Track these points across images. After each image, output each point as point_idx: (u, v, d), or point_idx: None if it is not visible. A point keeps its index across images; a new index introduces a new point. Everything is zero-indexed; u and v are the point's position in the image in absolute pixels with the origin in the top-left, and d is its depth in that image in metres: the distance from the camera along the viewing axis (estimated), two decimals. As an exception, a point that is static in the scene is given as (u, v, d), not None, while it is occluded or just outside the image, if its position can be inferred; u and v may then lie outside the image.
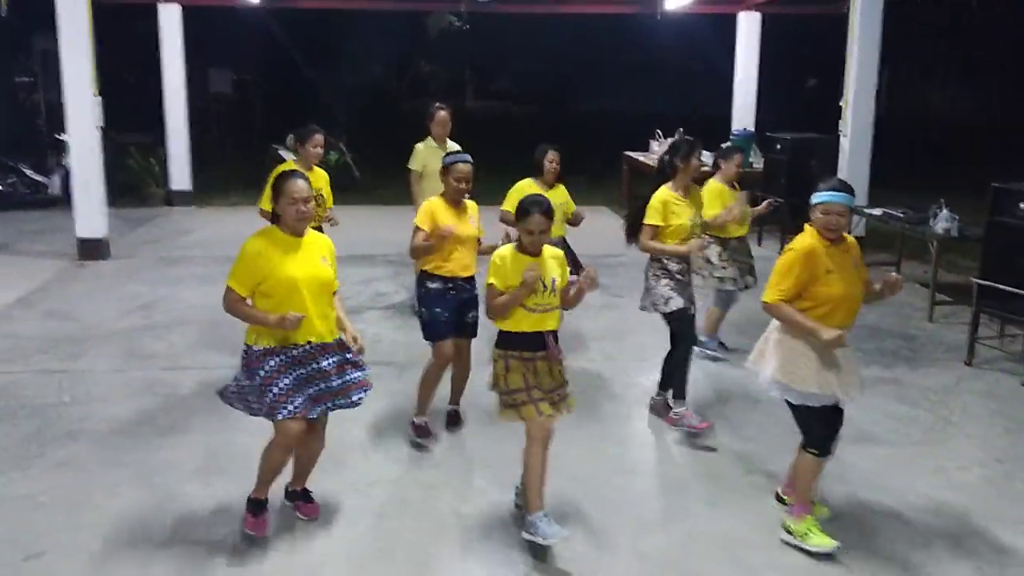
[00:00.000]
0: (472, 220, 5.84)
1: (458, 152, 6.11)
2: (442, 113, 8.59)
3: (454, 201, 5.73)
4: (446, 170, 5.69)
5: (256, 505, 4.73)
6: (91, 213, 11.12)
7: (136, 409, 6.42)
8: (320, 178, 7.39)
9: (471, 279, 5.85)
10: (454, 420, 6.18)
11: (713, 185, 7.58)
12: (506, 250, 4.67)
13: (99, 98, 10.90)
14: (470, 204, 5.86)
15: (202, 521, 4.88)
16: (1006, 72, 33.64)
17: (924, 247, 10.02)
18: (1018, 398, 6.94)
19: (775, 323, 4.71)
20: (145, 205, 15.03)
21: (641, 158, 14.89)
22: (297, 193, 4.47)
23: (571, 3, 15.94)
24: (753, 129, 14.92)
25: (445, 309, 5.72)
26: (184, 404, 6.53)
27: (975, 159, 20.58)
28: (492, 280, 4.60)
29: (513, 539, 4.64)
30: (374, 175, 17.21)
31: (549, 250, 4.75)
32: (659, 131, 15.12)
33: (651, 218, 6.11)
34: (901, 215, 9.87)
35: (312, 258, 4.61)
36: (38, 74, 23.59)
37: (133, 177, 15.51)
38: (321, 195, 6.99)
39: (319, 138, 7.39)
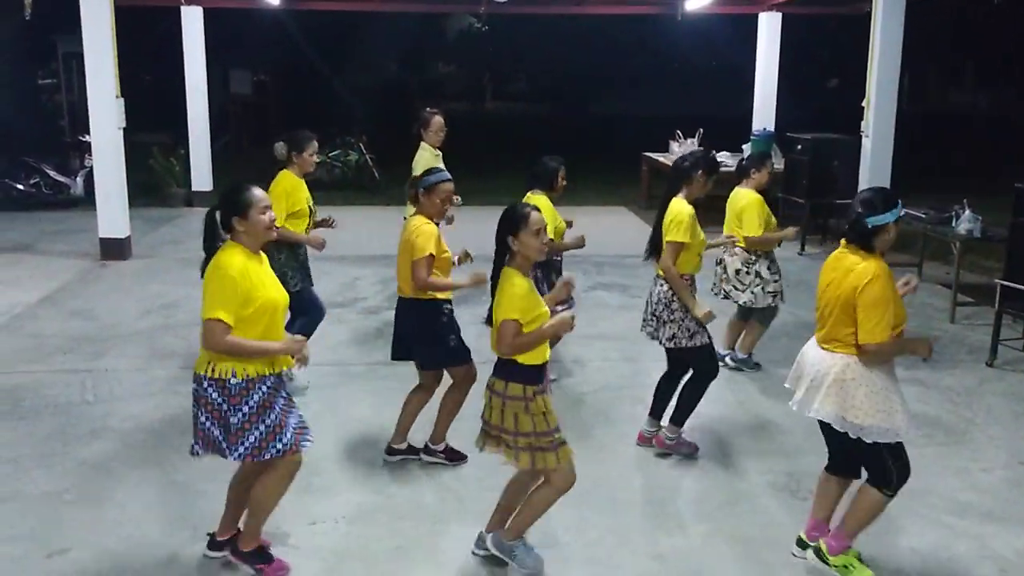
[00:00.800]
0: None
1: (440, 169, 5.86)
2: (438, 118, 8.30)
3: (436, 221, 5.42)
4: (432, 189, 5.35)
5: (264, 553, 4.39)
6: (113, 213, 11.19)
7: (158, 407, 6.46)
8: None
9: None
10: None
11: (752, 197, 7.07)
12: (516, 276, 4.20)
13: (121, 99, 10.98)
14: None
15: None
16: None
17: (947, 248, 9.96)
18: (1042, 400, 6.91)
19: (833, 362, 4.24)
20: (166, 205, 15.12)
21: (661, 159, 14.87)
22: (264, 200, 4.20)
23: (591, 3, 15.92)
24: (773, 129, 14.87)
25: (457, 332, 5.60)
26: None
27: (999, 160, 20.47)
28: (515, 316, 4.12)
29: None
30: (392, 175, 17.26)
31: None
32: (679, 132, 15.11)
33: (681, 235, 5.63)
34: (923, 216, 9.81)
35: (273, 276, 4.37)
36: (61, 76, 23.79)
37: (154, 177, 15.61)
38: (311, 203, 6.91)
39: (315, 144, 6.99)
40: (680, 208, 5.73)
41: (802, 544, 4.56)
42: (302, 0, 15.75)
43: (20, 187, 14.80)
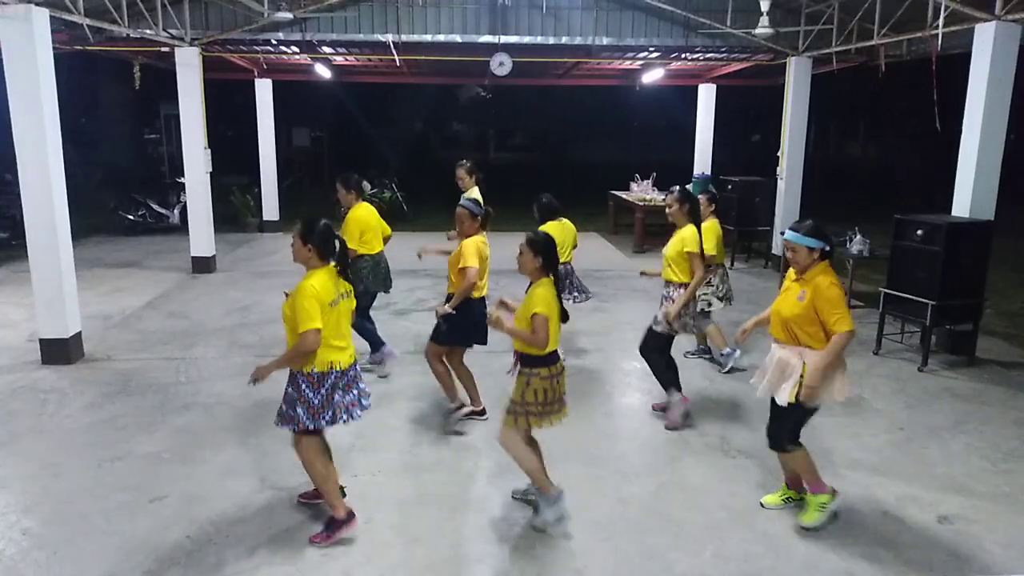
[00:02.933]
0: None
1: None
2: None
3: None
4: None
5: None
6: (202, 237, 11.19)
7: (236, 387, 6.46)
8: None
9: None
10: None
11: (714, 222, 6.78)
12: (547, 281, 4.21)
13: (208, 150, 10.99)
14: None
15: (285, 471, 4.91)
16: (907, 128, 33.52)
17: (842, 264, 9.97)
18: (915, 381, 6.89)
19: (800, 352, 4.13)
20: (243, 231, 15.13)
21: (623, 195, 14.88)
22: None
23: (571, 77, 15.96)
24: (710, 173, 14.90)
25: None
26: (272, 383, 6.51)
27: (882, 196, 20.50)
28: (546, 311, 4.08)
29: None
30: (417, 209, 17.29)
31: None
32: (638, 175, 15.14)
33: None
34: (825, 239, 9.82)
35: None
36: (162, 132, 23.85)
37: (233, 210, 15.61)
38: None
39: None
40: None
41: (791, 497, 4.56)
42: (348, 75, 15.78)
43: (130, 217, 14.80)
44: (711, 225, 6.60)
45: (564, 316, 4.27)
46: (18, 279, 10.20)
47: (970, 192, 7.40)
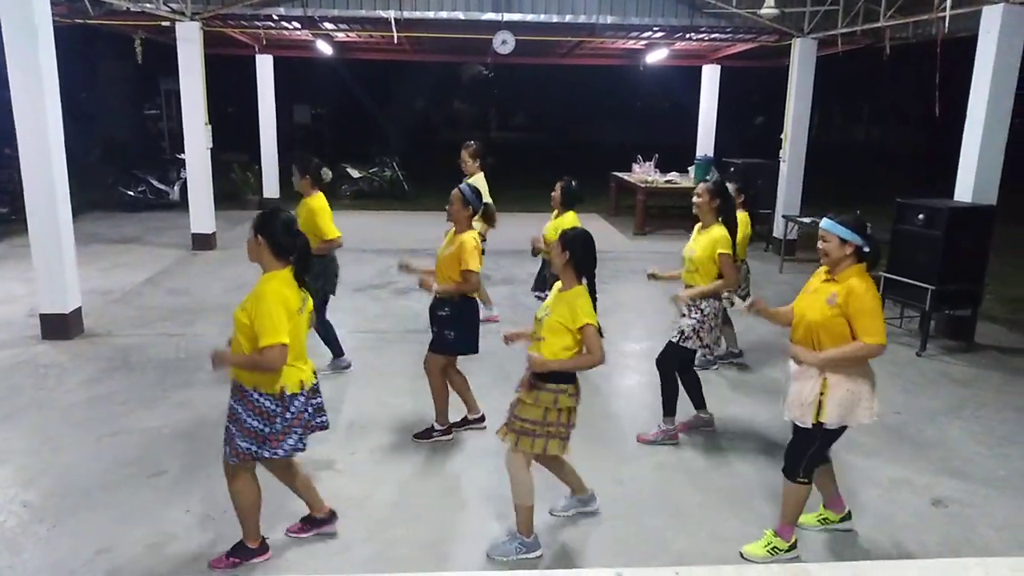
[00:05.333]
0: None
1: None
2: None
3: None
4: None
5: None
6: (202, 214, 11.18)
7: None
8: None
9: None
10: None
11: (743, 216, 6.15)
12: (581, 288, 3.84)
13: (209, 126, 10.95)
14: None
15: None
16: (910, 113, 33.35)
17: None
18: (913, 365, 6.92)
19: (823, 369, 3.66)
20: (243, 208, 15.08)
21: (625, 176, 14.83)
22: None
23: (573, 56, 15.86)
24: (712, 155, 14.85)
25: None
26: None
27: (885, 180, 20.44)
28: (594, 320, 3.76)
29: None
30: (418, 188, 17.23)
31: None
32: (640, 156, 15.09)
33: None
34: (826, 223, 9.80)
35: None
36: (163, 108, 23.74)
37: (234, 187, 15.57)
38: None
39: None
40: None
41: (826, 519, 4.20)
42: (349, 51, 15.68)
43: (130, 193, 14.76)
44: (741, 219, 5.85)
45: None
46: (17, 254, 10.19)
47: (973, 177, 7.39)
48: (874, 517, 4.33)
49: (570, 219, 6.15)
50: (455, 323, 4.91)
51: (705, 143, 15.49)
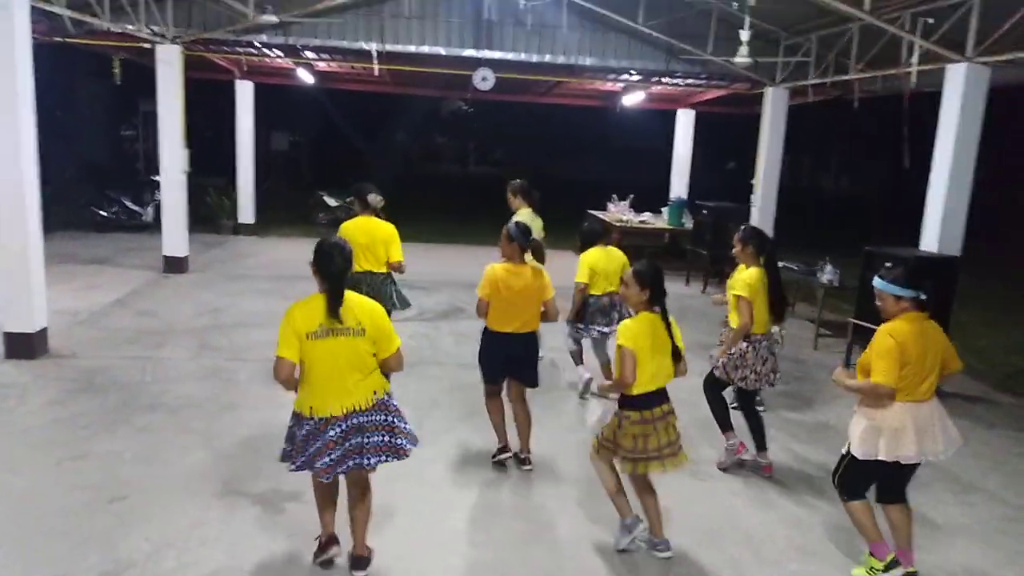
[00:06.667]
0: None
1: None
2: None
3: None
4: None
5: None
6: (175, 237, 11.06)
7: (203, 389, 6.37)
8: None
9: None
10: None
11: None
12: (644, 316, 4.07)
13: (187, 149, 10.89)
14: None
15: (249, 476, 4.85)
16: (878, 162, 34.13)
17: (812, 293, 10.13)
18: (879, 410, 6.98)
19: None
20: (218, 233, 14.98)
21: (600, 215, 14.93)
22: None
23: (552, 96, 16.09)
24: (686, 197, 15.05)
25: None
26: (241, 387, 6.49)
27: (854, 226, 20.83)
28: (631, 345, 3.96)
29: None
30: (396, 219, 17.18)
31: None
32: (615, 195, 15.24)
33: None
34: (796, 268, 9.97)
35: None
36: (140, 129, 23.58)
37: (209, 211, 15.46)
38: None
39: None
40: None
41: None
42: (330, 81, 15.75)
43: (103, 213, 14.60)
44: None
45: (676, 354, 4.02)
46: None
47: (938, 228, 7.57)
48: (841, 567, 4.34)
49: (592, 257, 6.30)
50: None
51: (679, 185, 15.72)
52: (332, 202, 17.36)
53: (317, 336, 3.51)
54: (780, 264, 10.24)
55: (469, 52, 10.79)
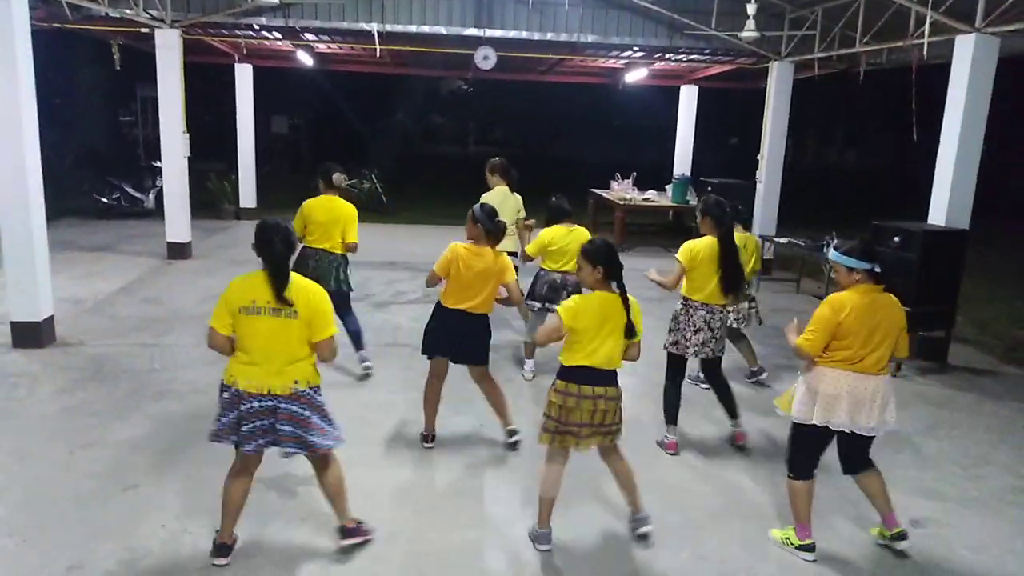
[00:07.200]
0: None
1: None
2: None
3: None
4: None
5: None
6: (178, 223, 11.05)
7: (210, 375, 6.35)
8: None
9: None
10: None
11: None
12: (600, 294, 3.92)
13: (187, 135, 10.85)
14: None
15: (264, 461, 4.84)
16: (883, 136, 33.96)
17: (819, 268, 10.10)
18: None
19: (887, 381, 3.96)
20: (220, 218, 14.94)
21: (603, 194, 14.91)
22: None
23: (554, 74, 15.97)
24: (689, 174, 14.99)
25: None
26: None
27: (859, 200, 20.77)
28: (563, 314, 3.84)
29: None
30: (397, 200, 17.19)
31: None
32: (618, 174, 15.18)
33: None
34: (802, 243, 9.95)
35: None
36: (139, 115, 23.51)
37: (210, 196, 15.43)
38: None
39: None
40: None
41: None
42: (330, 63, 15.65)
43: (104, 200, 14.56)
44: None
45: (629, 331, 3.84)
46: (-13, 260, 9.99)
47: (946, 201, 7.53)
48: (851, 537, 4.35)
49: (554, 234, 6.22)
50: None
51: (683, 162, 15.65)
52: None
53: (249, 312, 3.55)
54: (786, 240, 10.33)
55: (470, 31, 10.71)
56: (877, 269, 3.85)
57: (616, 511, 4.49)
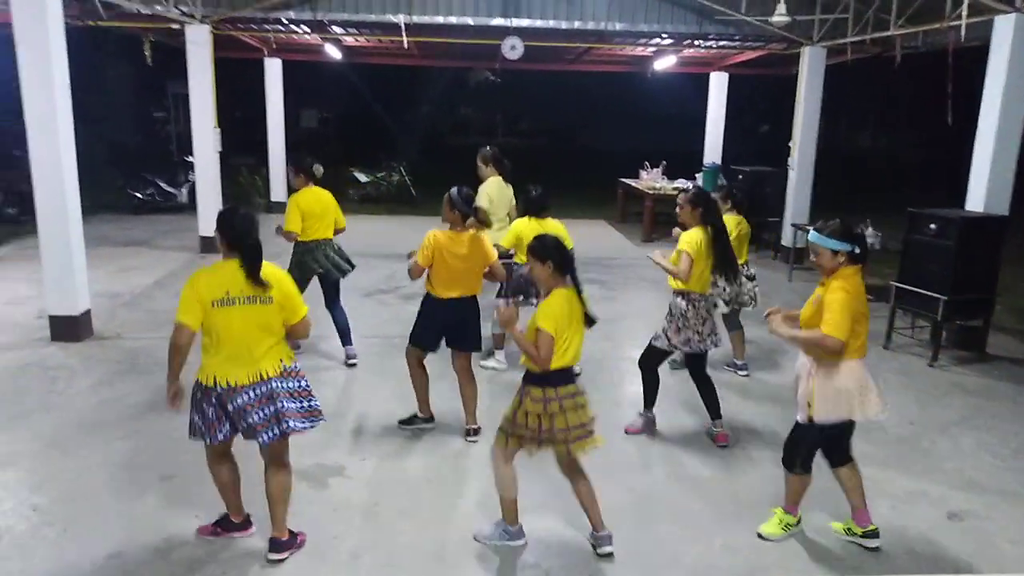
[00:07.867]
0: None
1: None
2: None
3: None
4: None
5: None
6: (211, 217, 11.10)
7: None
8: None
9: None
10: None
11: (730, 219, 6.19)
12: (561, 292, 3.80)
13: (218, 129, 10.96)
14: None
15: (294, 452, 4.86)
16: (919, 121, 33.28)
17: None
18: (925, 375, 6.88)
19: (809, 367, 3.85)
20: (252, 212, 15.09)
21: (633, 183, 14.82)
22: None
23: (581, 63, 15.86)
24: (719, 162, 14.83)
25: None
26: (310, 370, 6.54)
27: (894, 188, 20.40)
28: (550, 328, 3.65)
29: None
30: (425, 192, 17.23)
31: None
32: (647, 163, 15.07)
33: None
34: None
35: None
36: (171, 111, 23.81)
37: (242, 190, 15.60)
38: None
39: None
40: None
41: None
42: (358, 56, 15.69)
43: (139, 195, 14.80)
44: (732, 221, 6.21)
45: (589, 321, 3.81)
46: (26, 255, 10.20)
47: (985, 187, 7.35)
48: (888, 530, 4.28)
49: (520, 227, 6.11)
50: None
51: (713, 150, 15.48)
52: (363, 178, 17.43)
53: (223, 304, 3.51)
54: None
55: (497, 21, 10.67)
56: (857, 250, 3.75)
57: (639, 499, 4.48)
